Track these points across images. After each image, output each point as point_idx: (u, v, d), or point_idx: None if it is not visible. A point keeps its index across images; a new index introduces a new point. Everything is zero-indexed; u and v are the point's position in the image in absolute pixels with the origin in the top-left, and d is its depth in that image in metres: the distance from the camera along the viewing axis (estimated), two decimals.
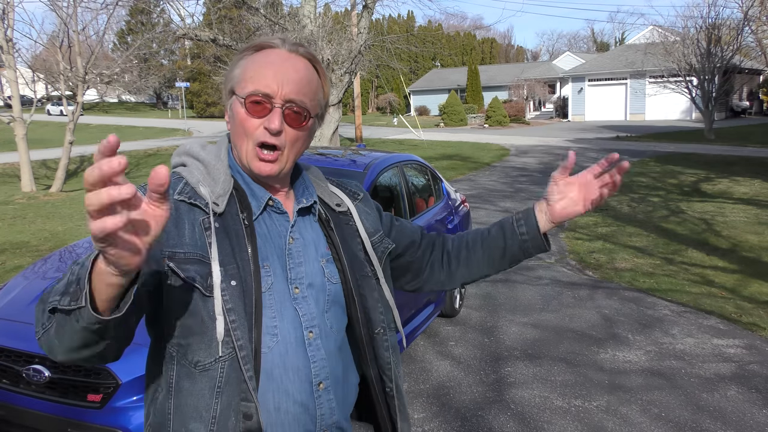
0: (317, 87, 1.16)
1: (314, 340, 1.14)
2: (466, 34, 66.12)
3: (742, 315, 5.28)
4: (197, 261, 1.06)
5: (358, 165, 4.35)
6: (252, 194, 1.16)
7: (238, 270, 1.07)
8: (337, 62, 11.21)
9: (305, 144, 1.17)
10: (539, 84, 42.58)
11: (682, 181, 13.65)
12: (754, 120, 33.93)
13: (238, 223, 1.11)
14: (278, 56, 1.13)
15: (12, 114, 13.40)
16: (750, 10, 21.48)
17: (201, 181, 1.13)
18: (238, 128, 1.13)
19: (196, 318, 1.05)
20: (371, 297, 1.23)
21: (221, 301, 1.04)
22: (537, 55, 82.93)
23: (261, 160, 1.12)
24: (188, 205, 1.10)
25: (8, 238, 8.27)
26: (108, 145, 0.69)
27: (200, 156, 1.18)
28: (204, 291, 1.05)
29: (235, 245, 1.08)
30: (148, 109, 55.29)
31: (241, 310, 1.05)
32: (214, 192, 1.12)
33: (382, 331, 1.24)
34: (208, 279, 1.05)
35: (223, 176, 1.14)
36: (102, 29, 16.47)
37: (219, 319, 1.03)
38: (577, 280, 6.42)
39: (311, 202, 1.21)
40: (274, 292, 1.11)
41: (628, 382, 4.08)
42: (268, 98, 1.09)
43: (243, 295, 1.06)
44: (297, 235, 1.18)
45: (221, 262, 1.06)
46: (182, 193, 1.11)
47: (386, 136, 28.07)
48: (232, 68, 1.16)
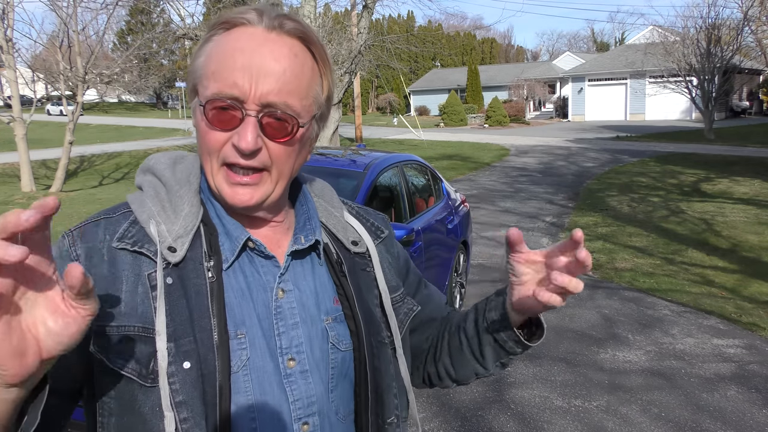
0: (311, 79, 0.82)
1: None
2: (466, 34, 66.14)
3: (742, 315, 5.28)
4: (137, 337, 0.77)
5: (358, 165, 4.35)
6: (224, 231, 0.85)
7: (195, 345, 0.77)
8: (337, 62, 11.21)
9: (300, 158, 0.85)
10: (539, 84, 42.58)
11: (682, 181, 13.65)
12: (754, 120, 33.92)
13: (200, 276, 0.80)
14: (251, 39, 0.78)
15: (12, 114, 13.42)
16: (750, 10, 21.50)
17: (155, 215, 0.82)
18: (200, 144, 0.82)
19: (135, 416, 0.77)
20: (387, 373, 0.91)
21: (168, 393, 0.75)
22: (537, 55, 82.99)
23: (234, 184, 0.80)
24: (131, 253, 0.80)
25: None
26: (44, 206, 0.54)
27: (164, 177, 0.86)
28: (143, 381, 0.76)
29: (194, 308, 0.78)
30: (148, 109, 55.30)
31: (197, 402, 0.76)
32: (171, 231, 0.81)
33: (395, 421, 0.92)
34: (150, 362, 0.76)
35: (187, 207, 0.83)
36: (102, 29, 16.48)
37: (168, 417, 0.75)
38: None
39: (311, 242, 0.89)
40: (252, 371, 0.81)
41: (628, 382, 4.08)
42: (237, 103, 0.77)
43: (201, 381, 0.76)
44: (290, 286, 0.87)
45: (173, 336, 0.76)
46: (124, 239, 0.81)
47: (386, 136, 28.07)
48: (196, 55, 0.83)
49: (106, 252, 0.80)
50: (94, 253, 0.80)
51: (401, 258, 1.06)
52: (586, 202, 11.25)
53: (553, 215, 10.14)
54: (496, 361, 0.99)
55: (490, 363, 0.99)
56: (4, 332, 0.55)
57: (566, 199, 11.75)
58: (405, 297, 1.01)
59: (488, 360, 0.98)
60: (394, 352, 0.94)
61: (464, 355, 1.00)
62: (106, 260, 0.80)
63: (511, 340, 0.93)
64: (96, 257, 0.80)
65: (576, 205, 11.09)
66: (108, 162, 19.73)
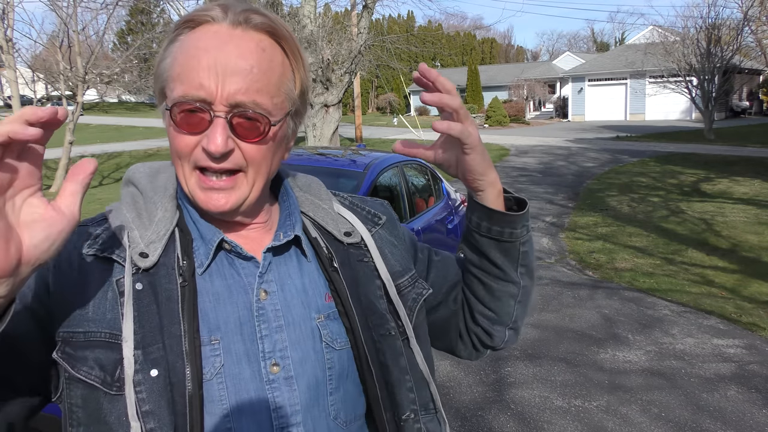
0: (282, 75, 0.79)
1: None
2: (466, 34, 66.16)
3: (742, 315, 5.28)
4: (103, 344, 0.74)
5: (358, 165, 4.36)
6: (199, 235, 0.83)
7: (164, 352, 0.74)
8: (337, 62, 11.22)
9: (277, 157, 0.83)
10: (539, 84, 42.58)
11: (682, 181, 13.65)
12: (754, 120, 33.92)
13: (173, 282, 0.77)
14: (216, 37, 0.75)
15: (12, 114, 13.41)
16: (750, 10, 21.49)
17: (129, 221, 0.81)
18: (171, 148, 0.80)
19: (101, 425, 0.75)
20: (396, 367, 0.86)
21: (135, 401, 0.72)
22: (537, 55, 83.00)
23: (207, 188, 0.78)
24: (102, 260, 0.78)
25: None
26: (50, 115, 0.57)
27: (140, 185, 0.85)
28: (107, 389, 0.74)
29: (164, 314, 0.75)
30: (148, 109, 55.28)
31: (164, 412, 0.73)
32: (143, 237, 0.79)
33: (412, 416, 0.87)
34: (116, 370, 0.74)
35: (161, 212, 0.82)
36: (102, 29, 16.46)
37: (134, 426, 0.72)
38: (577, 280, 6.42)
39: (289, 237, 0.85)
40: (227, 378, 0.77)
41: (628, 382, 4.08)
42: (204, 105, 0.75)
43: (170, 390, 0.73)
44: (273, 287, 0.83)
45: (141, 343, 0.74)
46: (93, 245, 0.78)
47: (386, 136, 28.07)
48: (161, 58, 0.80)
49: (76, 258, 0.78)
50: (62, 260, 0.78)
51: (407, 238, 1.02)
52: (586, 202, 11.25)
53: (553, 215, 10.13)
54: (514, 264, 0.94)
55: (510, 271, 0.94)
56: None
57: (566, 199, 11.75)
58: (415, 280, 0.95)
59: (506, 269, 0.94)
60: (407, 343, 0.89)
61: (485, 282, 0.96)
62: (76, 267, 0.78)
63: (498, 223, 0.90)
64: (64, 264, 0.78)
65: (576, 205, 11.09)
66: (108, 162, 19.74)
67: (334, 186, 4.74)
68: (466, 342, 1.05)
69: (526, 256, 0.95)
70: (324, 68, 10.99)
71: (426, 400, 0.90)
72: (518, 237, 0.92)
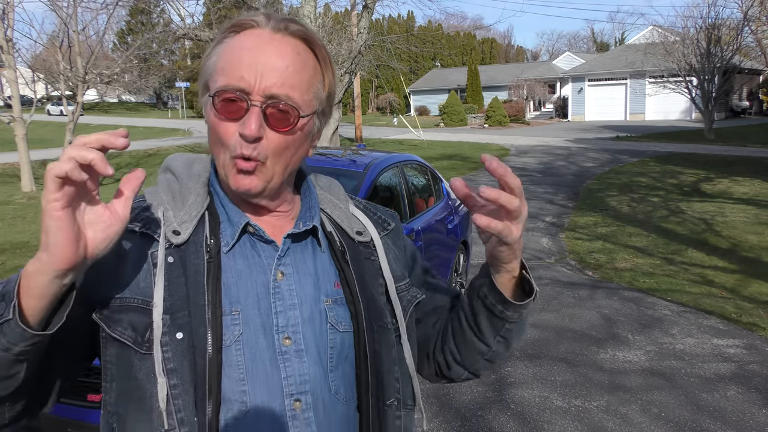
0: (313, 76, 0.89)
1: (303, 412, 0.87)
2: (466, 34, 66.14)
3: (742, 315, 5.28)
4: (136, 309, 0.84)
5: (358, 165, 4.36)
6: (227, 218, 0.92)
7: (189, 319, 0.83)
8: (337, 62, 11.21)
9: (299, 152, 0.91)
10: (539, 84, 42.58)
11: (682, 181, 13.65)
12: (754, 120, 33.92)
13: (199, 257, 0.87)
14: (258, 39, 0.86)
15: (12, 114, 13.41)
16: (750, 10, 21.49)
17: (165, 202, 0.91)
18: (212, 135, 0.89)
19: (131, 381, 0.84)
20: (388, 356, 0.95)
21: (161, 360, 0.81)
22: (537, 55, 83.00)
23: (239, 172, 0.87)
24: (139, 235, 0.88)
25: (8, 238, 8.28)
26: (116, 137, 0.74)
27: (177, 171, 0.95)
28: (138, 348, 0.83)
29: (191, 285, 0.85)
30: (148, 109, 55.30)
31: (186, 371, 0.82)
32: (177, 217, 0.89)
33: (395, 404, 0.96)
34: (146, 332, 0.83)
35: (193, 196, 0.92)
36: (102, 29, 16.49)
37: (160, 382, 0.81)
38: (577, 280, 6.42)
39: (308, 226, 0.94)
40: (244, 346, 0.86)
41: (628, 382, 4.08)
42: (243, 94, 0.84)
43: (192, 352, 0.82)
44: (289, 269, 0.92)
45: (169, 309, 0.83)
46: (134, 220, 0.89)
47: (386, 136, 28.08)
48: (207, 56, 0.91)
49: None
50: None
51: (408, 250, 1.10)
52: (586, 202, 11.25)
53: (553, 215, 10.14)
54: (494, 334, 0.99)
55: (489, 336, 1.00)
56: (70, 220, 0.70)
57: (566, 199, 11.75)
58: (410, 287, 1.04)
59: (486, 333, 0.99)
60: (399, 339, 0.97)
61: (465, 333, 1.02)
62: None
63: (498, 301, 0.95)
64: None
65: (576, 205, 11.10)
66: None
67: None
68: (431, 365, 1.13)
69: (509, 333, 1.00)
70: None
71: (408, 394, 1.00)
72: (509, 318, 0.97)
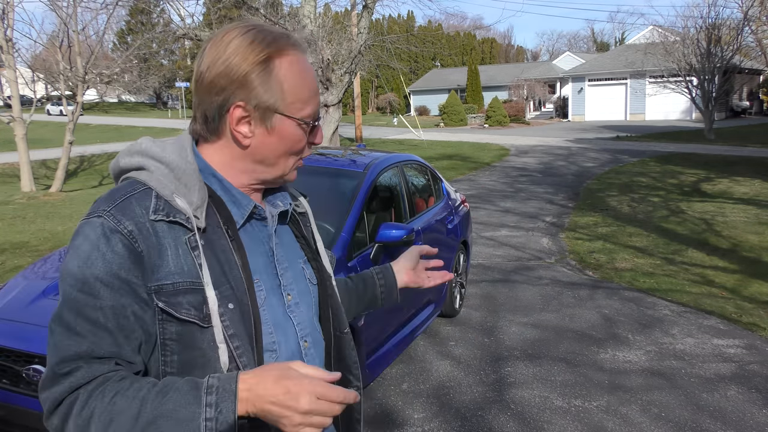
0: None
1: (309, 349, 1.11)
2: (466, 34, 66.11)
3: (742, 315, 5.28)
4: (189, 290, 0.95)
5: (358, 165, 4.35)
6: (234, 201, 1.06)
7: (233, 290, 0.98)
8: (337, 62, 11.21)
9: None
10: (539, 84, 42.57)
11: (682, 181, 13.65)
12: (754, 120, 33.92)
13: (222, 237, 1.01)
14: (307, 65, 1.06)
15: (12, 114, 13.41)
16: (750, 10, 21.49)
17: (175, 190, 0.99)
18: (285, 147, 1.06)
19: (195, 351, 0.96)
20: (335, 297, 1.22)
21: (222, 328, 0.95)
22: (537, 55, 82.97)
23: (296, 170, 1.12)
24: (167, 223, 0.97)
25: (8, 238, 8.27)
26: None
27: (165, 159, 1.01)
28: (202, 323, 0.95)
29: (224, 263, 0.99)
30: (148, 109, 55.29)
31: (243, 333, 0.98)
32: (191, 203, 0.98)
33: (346, 331, 1.22)
34: (203, 308, 0.95)
35: (198, 183, 1.01)
36: (102, 29, 16.49)
37: (221, 348, 0.95)
38: (577, 280, 6.42)
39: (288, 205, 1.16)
40: (268, 306, 1.04)
41: (628, 382, 4.07)
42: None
43: (242, 318, 0.98)
44: (276, 240, 1.12)
45: (214, 284, 0.96)
46: (158, 211, 0.97)
47: (386, 136, 28.07)
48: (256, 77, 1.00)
49: (149, 225, 0.96)
50: (141, 227, 0.95)
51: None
52: (586, 202, 11.25)
53: (553, 215, 10.14)
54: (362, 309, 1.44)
55: (357, 310, 1.43)
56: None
57: (566, 199, 11.75)
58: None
59: (359, 308, 1.43)
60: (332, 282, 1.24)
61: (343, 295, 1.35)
62: (151, 232, 0.96)
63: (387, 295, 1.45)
64: (144, 231, 0.95)
65: (576, 205, 11.09)
66: (108, 162, 19.71)
67: (334, 186, 4.69)
68: None
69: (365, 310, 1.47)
70: (324, 68, 10.99)
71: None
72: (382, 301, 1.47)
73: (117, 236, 0.93)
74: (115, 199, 0.97)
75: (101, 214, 0.95)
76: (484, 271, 6.73)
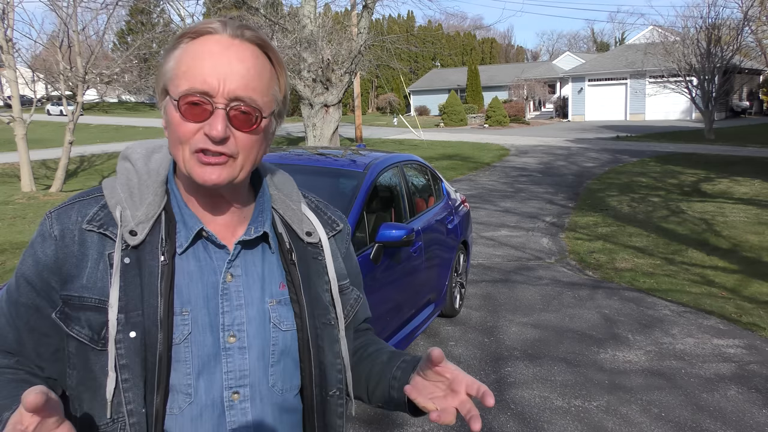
0: (270, 79, 0.94)
1: (240, 402, 0.96)
2: (466, 34, 66.13)
3: (742, 315, 5.28)
4: (94, 308, 0.90)
5: (358, 165, 4.35)
6: (182, 221, 0.96)
7: (142, 318, 0.89)
8: (337, 62, 11.21)
9: (262, 149, 0.96)
10: (539, 84, 42.57)
11: (682, 181, 13.65)
12: (754, 120, 33.92)
13: (155, 259, 0.92)
14: (218, 44, 0.90)
15: (12, 114, 13.40)
16: (750, 10, 21.49)
17: (122, 201, 0.94)
18: (172, 135, 0.91)
19: (88, 372, 0.91)
20: (331, 351, 1.03)
21: (114, 356, 0.88)
22: (537, 55, 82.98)
23: (205, 164, 0.89)
24: (97, 235, 0.93)
25: (8, 238, 8.27)
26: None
27: (137, 164, 0.98)
28: (94, 345, 0.90)
29: (145, 287, 0.91)
30: (148, 109, 55.27)
31: (137, 367, 0.89)
32: (134, 217, 0.93)
33: (337, 393, 1.05)
34: (102, 330, 0.89)
35: (151, 196, 0.95)
36: (102, 29, 16.46)
37: (110, 375, 0.88)
38: (578, 280, 6.42)
39: (259, 233, 0.99)
40: (192, 344, 0.92)
41: (628, 382, 4.07)
42: (207, 97, 0.88)
43: (144, 350, 0.89)
44: (238, 272, 0.98)
45: (124, 308, 0.89)
46: (93, 221, 0.94)
47: (386, 136, 28.07)
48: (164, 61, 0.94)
49: (77, 233, 0.93)
50: (67, 233, 0.94)
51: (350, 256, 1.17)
52: (586, 202, 11.25)
53: (554, 215, 10.14)
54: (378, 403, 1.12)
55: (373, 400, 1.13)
56: None
57: (566, 199, 11.75)
58: (351, 287, 1.12)
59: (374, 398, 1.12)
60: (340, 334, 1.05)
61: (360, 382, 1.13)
62: (76, 240, 0.93)
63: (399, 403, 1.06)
64: (68, 237, 0.93)
65: (576, 205, 11.09)
66: (108, 162, 19.73)
67: (334, 186, 4.68)
68: None
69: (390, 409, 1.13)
70: (324, 68, 10.98)
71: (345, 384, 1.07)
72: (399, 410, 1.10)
73: (49, 239, 0.94)
74: (66, 202, 0.98)
75: (48, 214, 0.97)
76: (484, 271, 6.73)
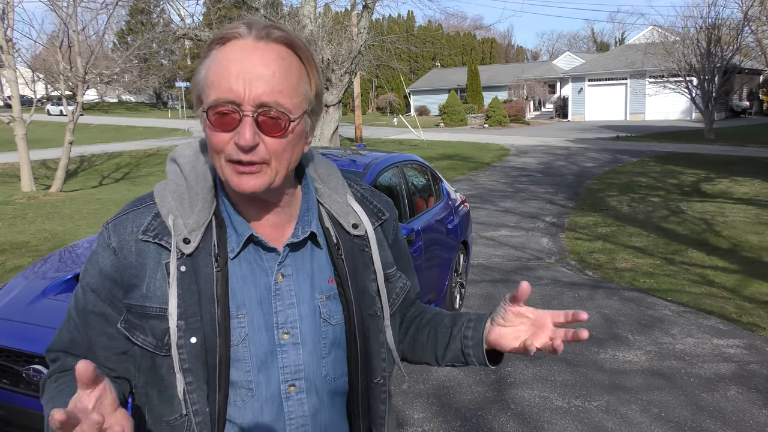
0: (299, 79, 0.93)
1: (296, 394, 1.01)
2: (466, 34, 66.12)
3: (742, 315, 5.28)
4: (155, 316, 0.95)
5: (358, 165, 4.35)
6: (232, 226, 0.99)
7: (201, 324, 0.94)
8: (337, 62, 11.21)
9: (297, 150, 0.96)
10: (539, 84, 42.57)
11: (682, 181, 13.65)
12: (754, 120, 33.92)
13: (209, 266, 0.95)
14: (242, 50, 0.89)
15: (12, 114, 13.40)
16: (750, 10, 21.49)
17: (174, 209, 0.97)
18: (209, 145, 0.93)
19: (155, 374, 0.97)
20: (376, 340, 1.07)
21: (178, 361, 0.94)
22: (537, 55, 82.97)
23: (240, 173, 0.91)
24: (153, 245, 0.96)
25: (8, 238, 8.27)
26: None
27: (185, 170, 1.00)
28: (158, 352, 0.96)
29: (203, 293, 0.94)
30: (148, 109, 55.28)
31: (199, 370, 0.94)
32: (186, 225, 0.96)
33: (381, 381, 1.09)
34: (165, 337, 0.94)
35: (201, 203, 0.97)
36: (102, 29, 16.48)
37: (179, 377, 0.94)
38: (578, 280, 6.42)
39: (306, 234, 1.02)
40: (250, 344, 0.97)
41: (628, 382, 4.07)
42: (234, 106, 0.88)
43: (204, 354, 0.94)
44: (289, 271, 1.01)
45: (184, 315, 0.94)
46: (148, 231, 0.97)
47: (386, 136, 28.07)
48: (197, 70, 0.95)
49: (133, 244, 0.97)
50: (124, 245, 0.97)
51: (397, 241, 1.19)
52: (586, 202, 11.25)
53: (554, 215, 10.14)
54: (450, 362, 1.16)
55: (443, 362, 1.17)
56: None
57: (566, 199, 11.75)
58: (399, 273, 1.15)
59: (445, 360, 1.17)
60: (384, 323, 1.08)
61: (426, 348, 1.19)
62: (134, 251, 0.97)
63: (477, 359, 1.12)
64: (126, 249, 0.97)
65: (576, 205, 11.09)
66: (108, 162, 19.73)
67: None
68: None
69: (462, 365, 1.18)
70: (324, 68, 10.98)
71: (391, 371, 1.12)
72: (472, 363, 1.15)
73: (108, 250, 0.99)
74: (121, 212, 1.01)
75: (106, 225, 1.01)
76: (484, 271, 6.73)
